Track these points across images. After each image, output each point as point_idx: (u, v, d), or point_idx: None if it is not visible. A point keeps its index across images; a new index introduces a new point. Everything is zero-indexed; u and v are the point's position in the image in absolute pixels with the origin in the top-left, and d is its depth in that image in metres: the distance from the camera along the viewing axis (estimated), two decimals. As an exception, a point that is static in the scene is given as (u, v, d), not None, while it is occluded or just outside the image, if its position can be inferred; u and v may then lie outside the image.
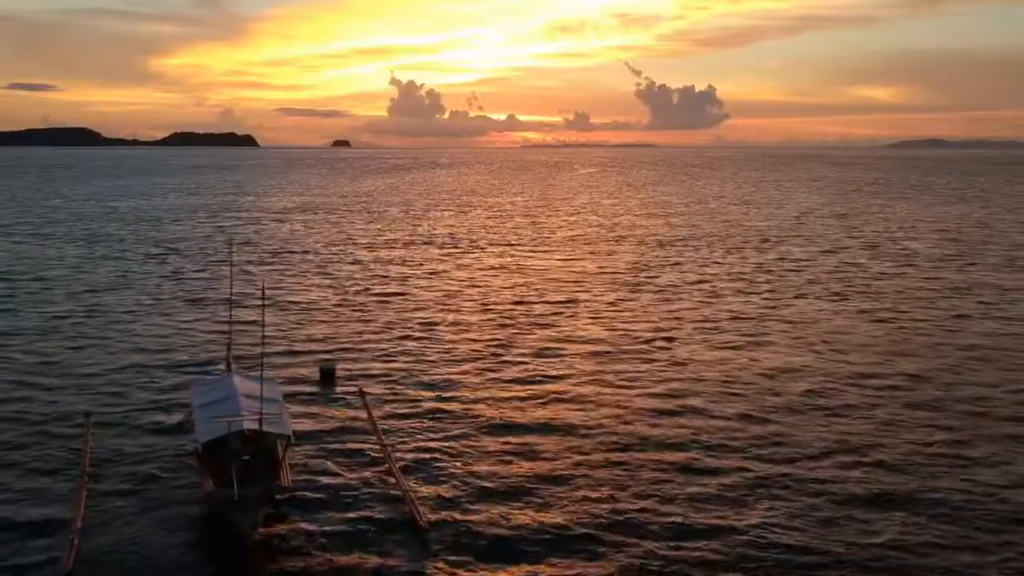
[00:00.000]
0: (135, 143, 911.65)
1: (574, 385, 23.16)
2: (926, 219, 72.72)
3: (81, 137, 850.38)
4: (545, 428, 19.85)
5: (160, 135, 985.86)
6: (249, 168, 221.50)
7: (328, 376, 24.13)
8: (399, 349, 27.25)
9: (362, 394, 22.00)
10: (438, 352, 26.84)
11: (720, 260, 47.10)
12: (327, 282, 39.87)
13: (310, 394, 22.50)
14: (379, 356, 26.45)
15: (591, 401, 21.77)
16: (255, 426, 15.34)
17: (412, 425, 20.09)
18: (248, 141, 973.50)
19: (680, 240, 56.52)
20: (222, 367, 22.58)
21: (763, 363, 25.38)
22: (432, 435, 19.41)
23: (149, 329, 29.39)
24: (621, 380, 23.61)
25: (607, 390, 22.70)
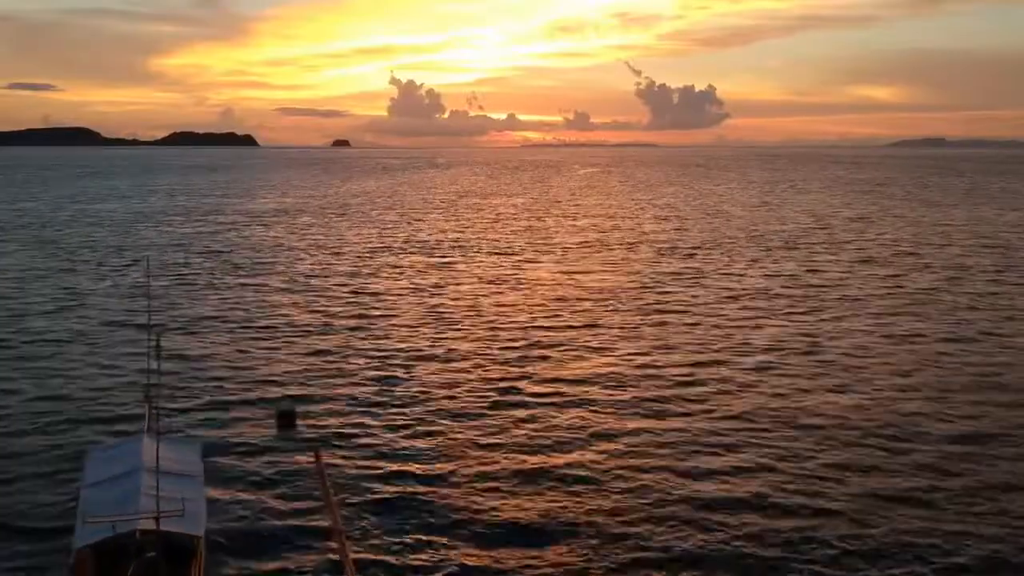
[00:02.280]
0: (135, 143, 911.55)
1: (594, 446, 18.40)
2: (956, 223, 67.79)
3: (80, 137, 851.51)
4: (556, 514, 15.16)
5: (160, 135, 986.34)
6: (243, 168, 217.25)
7: (286, 419, 20.24)
8: (377, 387, 22.87)
9: (318, 458, 17.43)
10: (423, 394, 22.34)
11: (745, 271, 42.26)
12: (299, 300, 35.05)
13: (260, 445, 18.59)
14: (352, 396, 22.19)
15: (618, 471, 16.95)
16: (151, 525, 11.55)
17: (381, 502, 15.72)
18: (248, 141, 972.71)
19: (698, 248, 51.59)
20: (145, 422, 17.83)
21: (821, 406, 20.64)
22: (405, 518, 15.02)
23: (72, 367, 24.39)
24: (652, 440, 18.76)
25: (636, 454, 17.92)
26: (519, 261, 46.25)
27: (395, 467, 17.35)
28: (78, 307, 33.09)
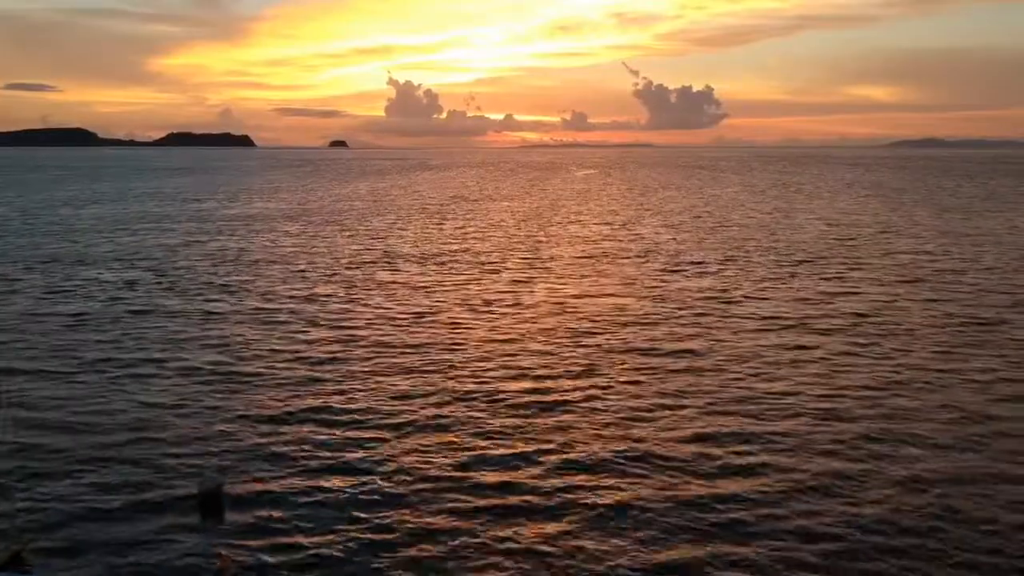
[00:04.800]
0: (132, 143, 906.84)
1: (597, 532, 13.37)
2: (987, 233, 62.48)
3: (78, 138, 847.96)
4: None
5: (157, 135, 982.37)
6: (233, 171, 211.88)
7: (211, 503, 15.93)
8: (329, 456, 18.16)
9: (223, 566, 12.90)
10: (390, 460, 17.60)
11: (770, 294, 37.09)
12: (245, 336, 29.73)
13: (168, 540, 14.43)
14: (296, 469, 17.51)
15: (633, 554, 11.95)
16: None
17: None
18: (245, 141, 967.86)
19: (712, 264, 46.29)
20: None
21: (879, 466, 15.59)
22: None
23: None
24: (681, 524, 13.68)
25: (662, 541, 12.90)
26: (512, 283, 41.00)
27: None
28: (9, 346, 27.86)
